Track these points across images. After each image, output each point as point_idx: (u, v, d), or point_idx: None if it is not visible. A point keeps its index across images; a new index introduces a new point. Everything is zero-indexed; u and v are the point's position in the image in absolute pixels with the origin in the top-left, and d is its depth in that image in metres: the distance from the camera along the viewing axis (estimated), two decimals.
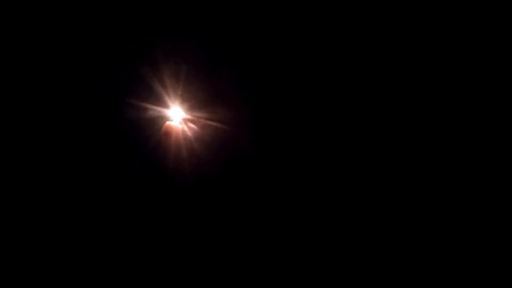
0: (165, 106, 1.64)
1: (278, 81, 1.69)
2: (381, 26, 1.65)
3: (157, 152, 1.63)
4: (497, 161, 1.65)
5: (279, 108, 1.69)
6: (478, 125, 1.66)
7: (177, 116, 1.65)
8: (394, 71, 1.68)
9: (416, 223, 1.66)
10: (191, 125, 1.65)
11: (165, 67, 1.62)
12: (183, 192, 1.66)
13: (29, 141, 1.64)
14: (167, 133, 1.63)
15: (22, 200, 1.60)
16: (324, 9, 1.66)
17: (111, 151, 1.64)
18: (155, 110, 1.64)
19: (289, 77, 1.68)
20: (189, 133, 1.66)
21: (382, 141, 1.70)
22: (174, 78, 1.63)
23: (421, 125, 1.68)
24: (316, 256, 1.66)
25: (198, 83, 1.64)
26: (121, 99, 1.63)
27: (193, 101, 1.65)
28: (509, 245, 1.60)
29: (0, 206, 1.59)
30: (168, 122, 1.64)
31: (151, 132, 1.64)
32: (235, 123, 1.66)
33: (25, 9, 1.61)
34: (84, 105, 1.64)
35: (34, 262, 1.57)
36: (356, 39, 1.67)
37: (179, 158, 1.64)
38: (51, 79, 1.65)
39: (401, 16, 1.64)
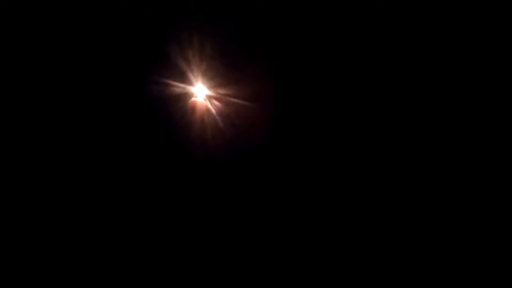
0: (190, 83, 1.66)
1: (303, 57, 1.69)
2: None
3: (182, 128, 1.67)
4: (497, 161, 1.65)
5: (304, 84, 1.69)
6: (478, 125, 1.66)
7: (201, 93, 1.67)
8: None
9: (416, 223, 1.69)
10: (215, 102, 1.68)
11: (189, 44, 1.63)
12: (208, 168, 1.71)
13: (53, 116, 1.69)
14: (192, 110, 1.66)
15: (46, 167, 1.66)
16: None
17: (137, 128, 1.69)
18: (179, 87, 1.66)
19: (315, 53, 1.68)
20: (213, 110, 1.69)
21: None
22: (198, 55, 1.64)
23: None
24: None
25: (222, 60, 1.65)
26: (146, 76, 1.66)
27: (217, 78, 1.66)
28: (509, 245, 1.62)
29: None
30: (193, 99, 1.66)
31: (176, 109, 1.67)
32: (259, 100, 1.68)
33: None
34: (109, 84, 1.67)
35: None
36: None
37: (204, 135, 1.69)
38: (75, 56, 1.67)
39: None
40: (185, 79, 1.66)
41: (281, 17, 1.66)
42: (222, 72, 1.66)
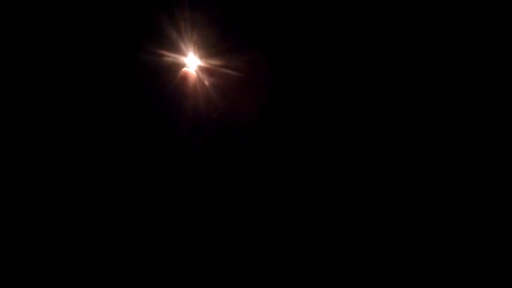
0: (181, 53, 1.62)
1: (294, 28, 1.68)
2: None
3: (174, 98, 1.61)
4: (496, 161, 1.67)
5: (296, 56, 1.68)
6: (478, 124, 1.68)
7: (193, 64, 1.63)
8: None
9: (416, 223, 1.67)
10: (208, 72, 1.64)
11: (180, 13, 1.60)
12: (198, 140, 1.65)
13: (46, 96, 1.60)
14: (184, 79, 1.61)
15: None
16: None
17: (129, 98, 1.61)
18: (170, 56, 1.62)
19: (310, 25, 1.68)
20: (205, 80, 1.64)
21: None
22: (190, 24, 1.61)
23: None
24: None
25: (215, 30, 1.63)
26: (135, 45, 1.61)
27: (209, 48, 1.63)
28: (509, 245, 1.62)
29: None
30: (184, 69, 1.62)
31: (168, 78, 1.61)
32: (252, 71, 1.65)
33: None
34: (100, 54, 1.61)
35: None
36: None
37: (196, 105, 1.63)
38: (65, 32, 1.62)
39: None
40: (176, 49, 1.62)
41: None
42: (214, 42, 1.63)
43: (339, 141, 1.71)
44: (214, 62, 1.64)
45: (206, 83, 1.65)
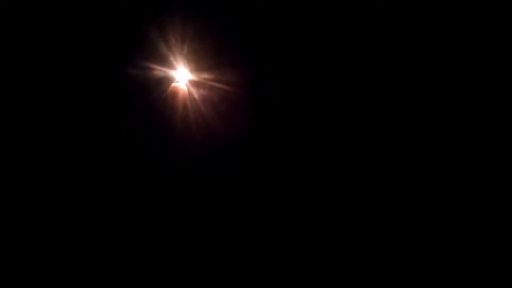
0: (171, 66, 1.59)
1: (284, 42, 1.64)
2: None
3: (163, 113, 1.59)
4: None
5: (290, 69, 1.65)
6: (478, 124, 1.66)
7: (183, 78, 1.60)
8: None
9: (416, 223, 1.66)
10: (198, 87, 1.61)
11: (171, 27, 1.56)
12: (189, 155, 1.63)
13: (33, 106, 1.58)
14: (173, 95, 1.58)
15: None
16: None
17: (117, 113, 1.59)
18: (160, 70, 1.59)
19: (296, 38, 1.64)
20: (195, 94, 1.61)
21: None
22: (180, 39, 1.57)
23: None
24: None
25: (204, 44, 1.59)
26: (126, 60, 1.57)
27: (200, 62, 1.60)
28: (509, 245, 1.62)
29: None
30: (174, 84, 1.59)
31: (157, 93, 1.59)
32: (244, 86, 1.62)
33: None
34: (88, 68, 1.58)
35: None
36: None
37: (185, 120, 1.61)
38: (55, 43, 1.58)
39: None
40: (166, 62, 1.58)
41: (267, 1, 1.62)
42: (205, 56, 1.60)
43: (333, 159, 1.70)
44: (205, 76, 1.61)
45: (196, 97, 1.62)
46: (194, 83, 1.61)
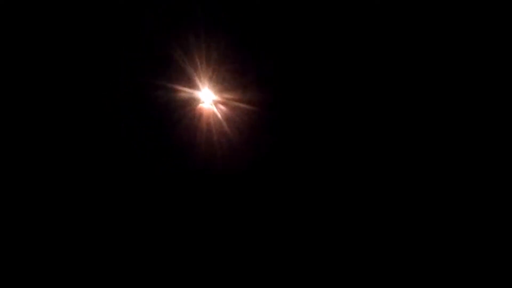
0: (196, 88, 1.65)
1: (309, 62, 1.68)
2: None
3: (189, 133, 1.65)
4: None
5: (311, 90, 1.69)
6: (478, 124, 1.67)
7: (207, 98, 1.66)
8: None
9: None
10: (222, 106, 1.67)
11: (196, 49, 1.62)
12: (213, 172, 1.69)
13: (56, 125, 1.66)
14: (199, 115, 1.65)
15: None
16: None
17: (144, 133, 1.66)
18: (186, 92, 1.65)
19: (321, 58, 1.68)
20: (219, 115, 1.67)
21: None
22: (205, 60, 1.63)
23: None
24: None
25: (229, 65, 1.64)
26: (152, 81, 1.64)
27: (223, 83, 1.65)
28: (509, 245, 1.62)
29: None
30: (200, 105, 1.65)
31: (183, 114, 1.65)
32: (266, 105, 1.67)
33: None
34: (116, 89, 1.65)
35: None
36: None
37: (211, 140, 1.67)
38: (83, 62, 1.65)
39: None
40: (191, 84, 1.64)
41: (286, 23, 1.66)
42: (228, 77, 1.65)
43: (345, 171, 1.73)
44: (229, 96, 1.66)
45: (220, 117, 1.68)
46: (218, 103, 1.67)
